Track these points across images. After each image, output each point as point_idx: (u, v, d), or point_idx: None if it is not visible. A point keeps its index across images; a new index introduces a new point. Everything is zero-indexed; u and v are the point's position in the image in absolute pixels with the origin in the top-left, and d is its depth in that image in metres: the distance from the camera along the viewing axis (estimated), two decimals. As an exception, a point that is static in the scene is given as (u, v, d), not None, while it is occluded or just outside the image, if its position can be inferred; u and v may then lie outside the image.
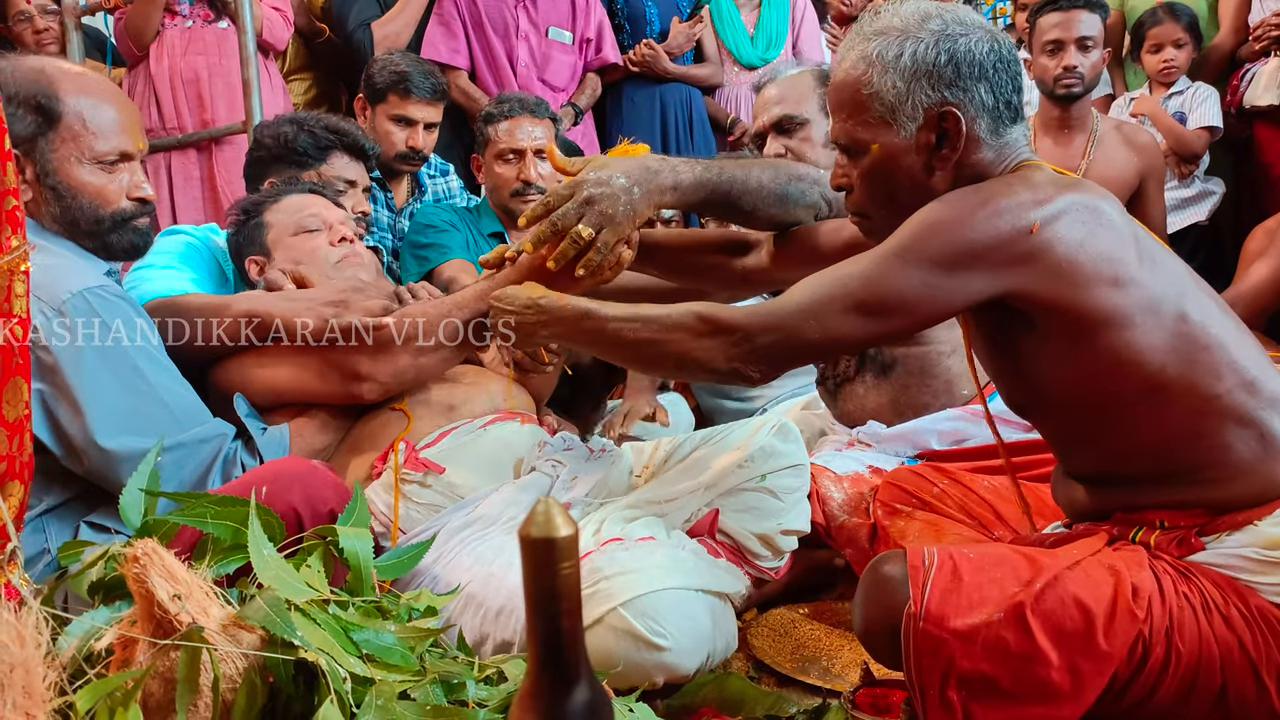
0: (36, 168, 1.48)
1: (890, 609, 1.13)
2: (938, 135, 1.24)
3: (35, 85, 1.47)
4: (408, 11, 3.21)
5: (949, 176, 1.26)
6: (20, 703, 0.87)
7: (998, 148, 1.25)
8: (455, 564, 1.50)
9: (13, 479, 1.04)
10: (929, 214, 1.19)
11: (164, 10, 3.00)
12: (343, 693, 0.97)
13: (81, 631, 1.02)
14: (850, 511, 1.80)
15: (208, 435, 1.48)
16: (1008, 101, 1.25)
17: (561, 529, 0.72)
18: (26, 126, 1.46)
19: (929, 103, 1.23)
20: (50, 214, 1.50)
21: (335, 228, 1.86)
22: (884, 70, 1.24)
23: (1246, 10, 3.45)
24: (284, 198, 1.90)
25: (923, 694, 1.11)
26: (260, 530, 1.07)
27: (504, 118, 2.68)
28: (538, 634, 0.73)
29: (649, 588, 1.37)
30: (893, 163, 1.26)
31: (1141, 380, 1.16)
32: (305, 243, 1.83)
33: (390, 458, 1.63)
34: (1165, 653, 1.11)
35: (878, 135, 1.26)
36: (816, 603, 1.89)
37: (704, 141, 3.55)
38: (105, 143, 1.50)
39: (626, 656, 1.35)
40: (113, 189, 1.52)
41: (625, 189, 1.48)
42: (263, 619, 0.97)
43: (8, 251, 1.01)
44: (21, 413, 1.04)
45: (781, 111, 2.11)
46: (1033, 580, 1.11)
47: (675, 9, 3.59)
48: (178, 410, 1.47)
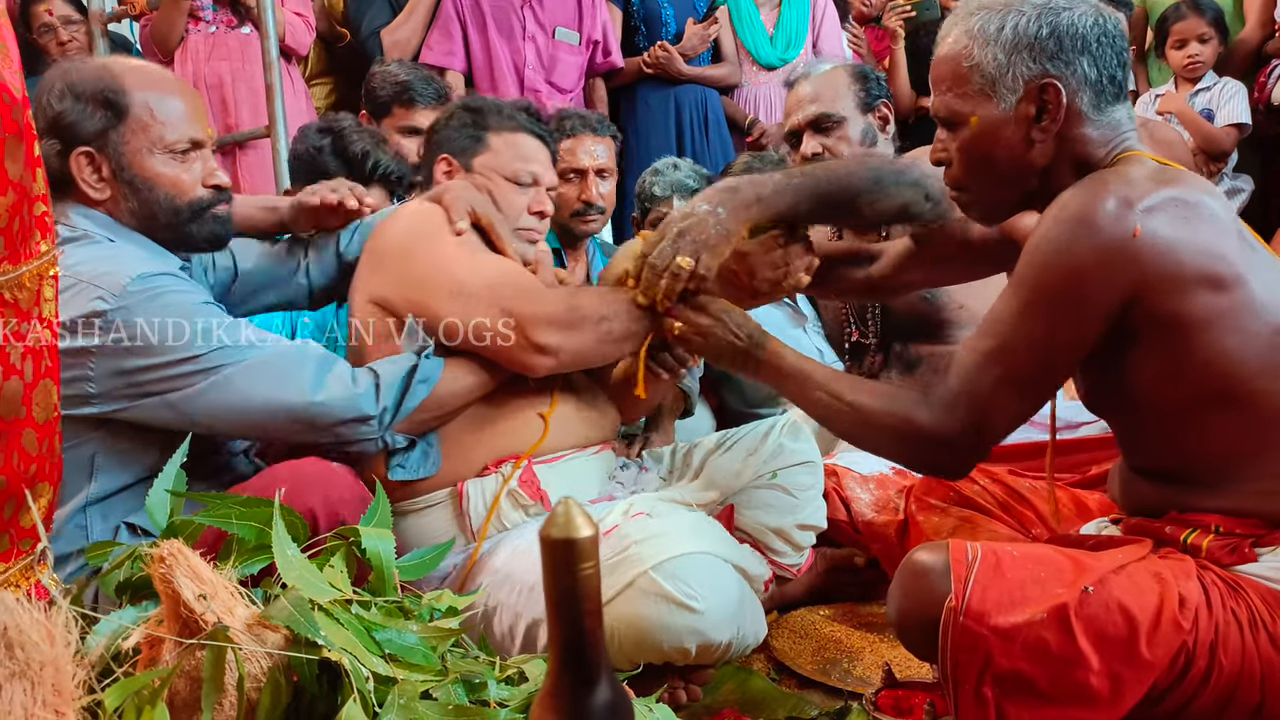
0: (111, 163, 1.47)
1: (928, 600, 1.12)
2: (1038, 108, 1.22)
3: (100, 82, 1.47)
4: (415, 17, 3.21)
5: (1049, 150, 1.24)
6: (50, 700, 0.89)
7: (1101, 125, 1.24)
8: (501, 551, 1.51)
9: (42, 480, 1.06)
10: (1035, 256, 1.18)
11: (188, 16, 3.03)
12: (365, 692, 0.98)
13: (109, 630, 1.03)
14: (878, 510, 1.79)
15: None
16: (1111, 76, 1.23)
17: (582, 530, 0.72)
18: (96, 122, 1.46)
19: (1029, 75, 1.22)
20: (129, 209, 1.49)
21: (541, 196, 1.78)
22: (985, 43, 1.24)
23: (1273, 4, 3.40)
24: (518, 132, 1.78)
25: (956, 688, 1.10)
26: (284, 531, 1.08)
27: (565, 135, 2.59)
28: (559, 634, 0.73)
29: (679, 550, 1.37)
30: (991, 135, 1.25)
31: (1230, 387, 1.15)
32: (509, 192, 1.74)
33: (505, 466, 1.58)
34: (1207, 665, 1.09)
35: (977, 107, 1.25)
36: (838, 605, 1.88)
37: (720, 142, 3.53)
38: (175, 131, 1.50)
39: (659, 620, 1.34)
40: (188, 178, 1.52)
41: (710, 212, 1.50)
42: (287, 619, 0.98)
43: (37, 256, 1.03)
44: (51, 415, 1.06)
45: (818, 110, 2.07)
46: (1076, 582, 1.10)
47: (691, 10, 3.58)
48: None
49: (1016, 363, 1.20)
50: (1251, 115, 3.29)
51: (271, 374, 1.42)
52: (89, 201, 1.48)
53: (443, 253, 1.57)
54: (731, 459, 1.70)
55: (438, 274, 1.55)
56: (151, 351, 1.37)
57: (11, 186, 0.96)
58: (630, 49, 3.53)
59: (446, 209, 1.62)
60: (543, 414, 1.62)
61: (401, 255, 1.58)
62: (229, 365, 1.40)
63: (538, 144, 1.79)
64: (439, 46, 3.21)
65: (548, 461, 1.60)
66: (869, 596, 1.92)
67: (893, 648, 1.70)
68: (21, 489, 1.01)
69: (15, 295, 1.00)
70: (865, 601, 1.90)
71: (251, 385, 1.41)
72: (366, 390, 1.47)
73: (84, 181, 1.46)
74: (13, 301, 1.00)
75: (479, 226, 1.63)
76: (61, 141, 1.45)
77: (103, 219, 1.48)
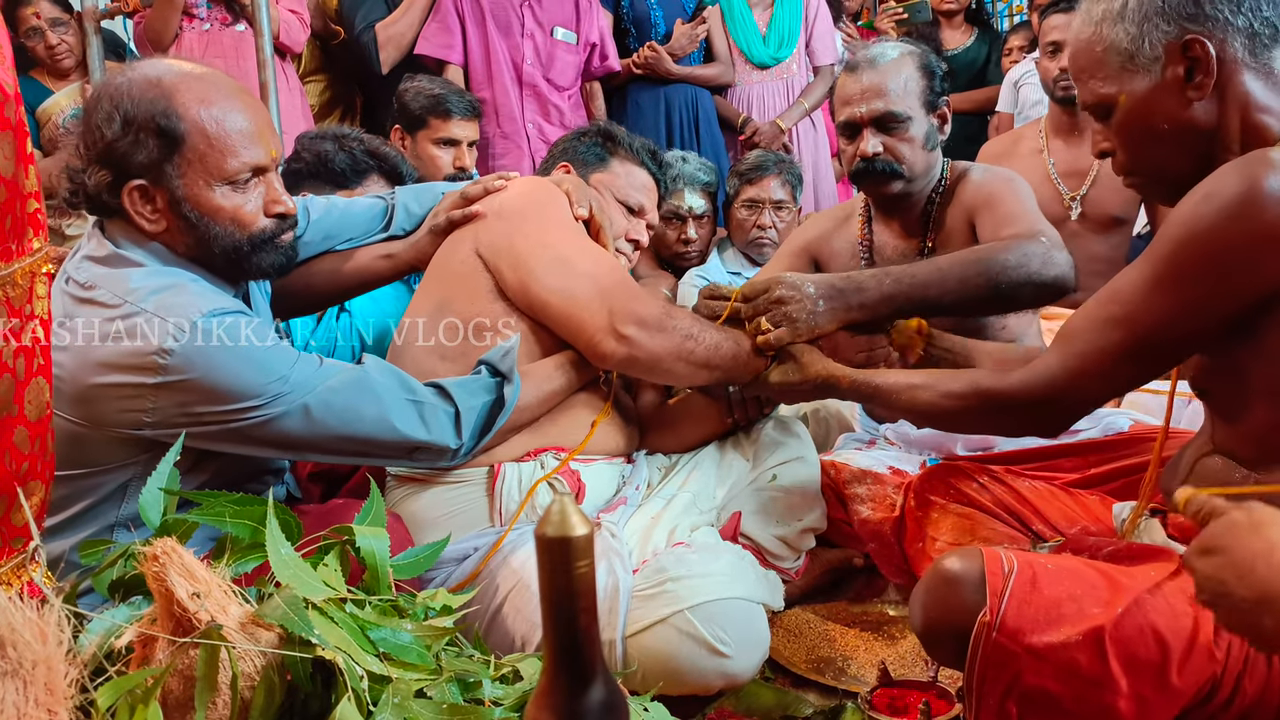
0: (167, 196, 1.36)
1: (958, 610, 1.10)
2: (1186, 67, 1.17)
3: (152, 104, 1.34)
4: (411, 13, 3.21)
5: (1213, 109, 1.18)
6: (43, 699, 0.88)
7: (1267, 70, 1.17)
8: (523, 550, 1.51)
9: (34, 479, 1.05)
10: (1179, 230, 1.12)
11: (182, 14, 3.02)
12: (360, 691, 0.97)
13: (102, 629, 1.02)
14: (875, 507, 1.79)
15: None
16: (1265, 19, 1.16)
17: (577, 528, 0.72)
18: (150, 153, 1.34)
19: (1168, 38, 1.17)
20: (185, 242, 1.39)
21: (640, 227, 1.86)
22: (1113, 22, 1.20)
23: None
24: (637, 167, 1.88)
25: (979, 700, 1.09)
26: (278, 529, 1.08)
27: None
28: (554, 632, 0.73)
29: (718, 595, 1.39)
30: (1145, 107, 1.20)
31: None
32: (615, 214, 1.82)
33: (545, 456, 1.59)
34: (1230, 694, 1.08)
35: (1122, 85, 1.20)
36: (832, 604, 1.88)
37: (711, 141, 3.54)
38: (235, 160, 1.37)
39: (690, 661, 1.37)
40: (249, 210, 1.40)
41: (813, 299, 1.56)
42: (281, 617, 0.98)
43: (29, 254, 1.02)
44: (43, 413, 1.05)
45: (885, 107, 1.84)
46: (1113, 602, 1.07)
47: (681, 11, 3.59)
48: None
49: (1137, 333, 1.15)
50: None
51: (343, 404, 1.37)
52: (142, 231, 1.39)
53: (557, 223, 1.60)
54: (727, 449, 1.71)
55: (547, 238, 1.58)
56: (217, 396, 1.31)
57: (4, 183, 0.96)
58: (621, 50, 3.53)
59: (569, 194, 1.66)
60: (595, 419, 1.65)
61: (516, 214, 1.60)
62: (299, 399, 1.35)
63: (651, 182, 1.89)
64: (436, 38, 3.21)
65: (582, 462, 1.62)
66: (863, 595, 1.93)
67: (887, 646, 1.70)
68: (13, 487, 1.01)
69: (7, 293, 1.00)
70: (860, 600, 1.91)
71: (324, 418, 1.36)
72: (446, 425, 1.43)
73: (138, 214, 1.37)
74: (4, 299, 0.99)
75: (587, 224, 1.68)
76: (113, 172, 1.35)
77: (158, 248, 1.39)
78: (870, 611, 1.85)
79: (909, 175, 1.87)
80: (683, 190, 2.95)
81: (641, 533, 1.54)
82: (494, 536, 1.53)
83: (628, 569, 1.45)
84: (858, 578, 1.97)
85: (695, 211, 3.00)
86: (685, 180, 2.95)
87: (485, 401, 1.47)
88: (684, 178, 2.95)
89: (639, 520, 1.56)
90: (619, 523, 1.54)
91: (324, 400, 1.36)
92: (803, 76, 3.71)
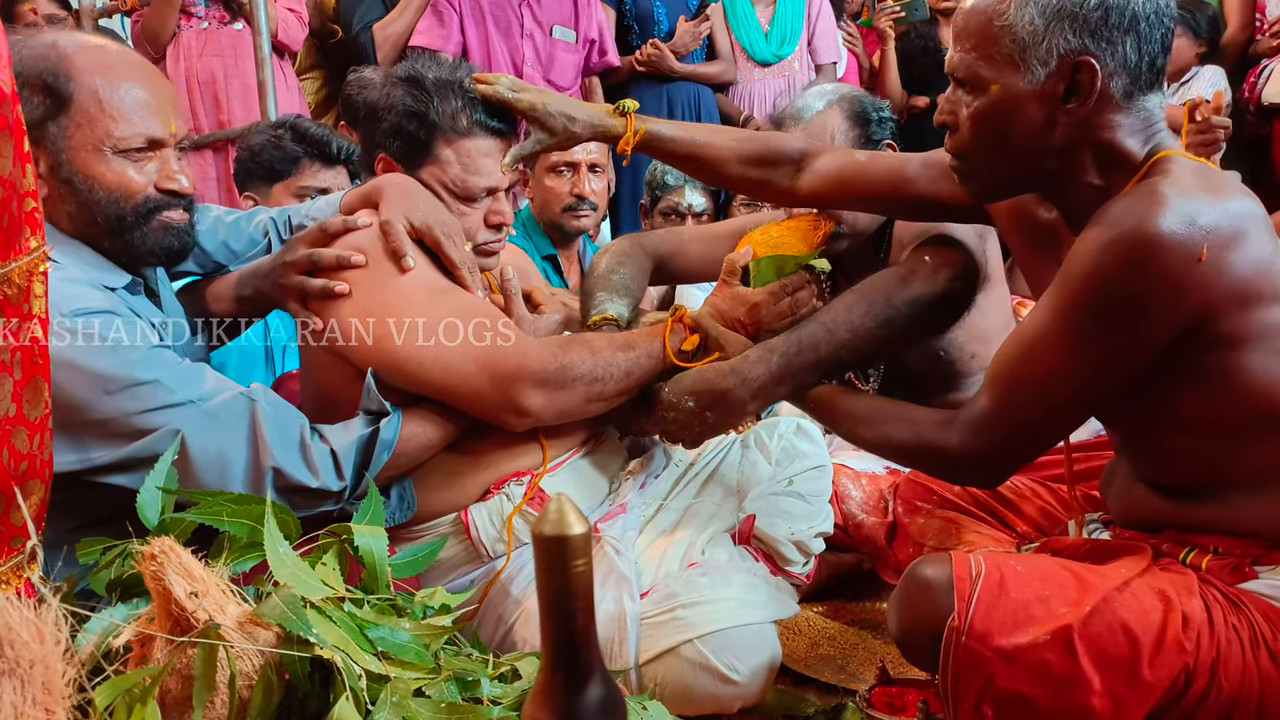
0: (50, 159, 1.28)
1: (930, 616, 1.11)
2: (1068, 86, 1.12)
3: (42, 61, 1.26)
4: (408, 13, 3.21)
5: (1071, 133, 1.14)
6: (40, 698, 0.88)
7: (1132, 114, 1.14)
8: (520, 578, 1.48)
9: (33, 478, 1.05)
10: (1084, 280, 1.08)
11: (180, 12, 3.02)
12: (358, 690, 0.97)
13: (100, 628, 1.02)
14: (869, 510, 1.79)
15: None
16: (1151, 62, 1.12)
17: (574, 527, 0.72)
18: (34, 110, 1.25)
19: (1066, 48, 1.11)
20: (66, 212, 1.30)
21: (498, 206, 1.55)
22: (1024, 3, 1.12)
23: (1252, 6, 3.42)
24: (471, 138, 1.50)
25: (955, 705, 1.09)
26: (276, 528, 1.08)
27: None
28: (551, 631, 0.73)
29: (729, 623, 1.35)
30: (1012, 107, 1.14)
31: (1263, 410, 1.10)
32: (461, 210, 1.52)
33: (508, 486, 1.51)
34: (1207, 685, 1.08)
35: (1001, 75, 1.14)
36: (831, 602, 1.89)
37: (712, 140, 3.55)
38: (128, 127, 1.29)
39: (702, 688, 1.35)
40: (139, 180, 1.31)
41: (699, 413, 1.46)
42: (279, 616, 0.98)
43: (26, 253, 1.02)
44: (42, 412, 1.05)
45: None
46: (1081, 601, 1.08)
47: (684, 8, 3.59)
48: None
49: (1057, 390, 1.14)
50: (1239, 116, 3.30)
51: (221, 432, 1.26)
52: None
53: (397, 299, 1.39)
54: (745, 456, 1.69)
55: (398, 322, 1.37)
56: (87, 410, 1.21)
57: (2, 183, 0.96)
58: (624, 48, 3.54)
59: (385, 234, 1.41)
60: (538, 434, 1.51)
61: (354, 303, 1.40)
62: (173, 417, 1.23)
63: (491, 143, 1.53)
64: (431, 31, 3.20)
65: (549, 472, 1.54)
66: (863, 594, 1.93)
67: (887, 645, 1.70)
68: (11, 487, 1.00)
69: (5, 292, 1.00)
70: (859, 599, 1.91)
71: (201, 441, 1.25)
72: (326, 465, 1.31)
73: None
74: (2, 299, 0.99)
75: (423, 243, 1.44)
76: None
77: None
78: (870, 610, 1.85)
79: (850, 234, 1.72)
80: (683, 187, 2.94)
81: (655, 553, 1.49)
82: (488, 568, 1.50)
83: (635, 595, 1.39)
84: (856, 576, 1.97)
85: (695, 209, 3.00)
86: (687, 177, 2.96)
87: (360, 436, 1.34)
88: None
89: (650, 537, 1.52)
90: (621, 536, 1.49)
91: (201, 421, 1.25)
92: (805, 74, 3.70)
